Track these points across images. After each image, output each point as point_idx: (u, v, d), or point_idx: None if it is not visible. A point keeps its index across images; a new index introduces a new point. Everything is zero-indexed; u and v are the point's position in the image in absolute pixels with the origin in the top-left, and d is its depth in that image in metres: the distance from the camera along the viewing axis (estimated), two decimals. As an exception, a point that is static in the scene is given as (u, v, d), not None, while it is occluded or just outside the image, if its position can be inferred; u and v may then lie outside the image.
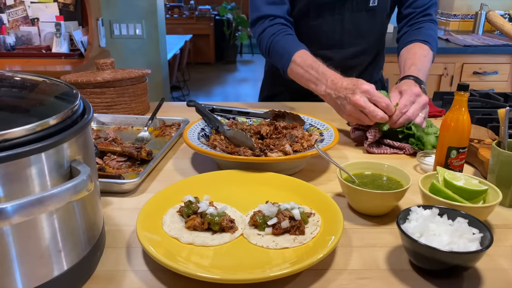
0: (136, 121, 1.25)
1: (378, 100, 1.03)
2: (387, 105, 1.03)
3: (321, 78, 1.14)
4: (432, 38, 1.33)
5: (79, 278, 0.62)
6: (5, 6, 2.84)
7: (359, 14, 1.38)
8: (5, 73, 0.73)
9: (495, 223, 0.79)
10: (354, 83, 1.06)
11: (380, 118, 1.03)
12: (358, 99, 1.03)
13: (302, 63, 1.20)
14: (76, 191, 0.52)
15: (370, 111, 1.02)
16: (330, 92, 1.11)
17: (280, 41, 1.28)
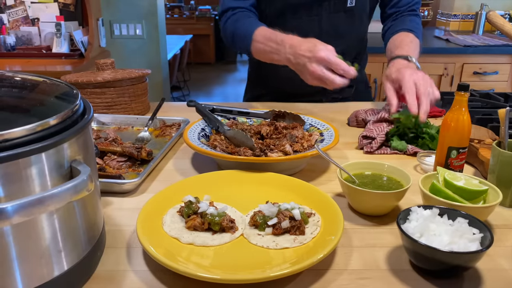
0: (136, 121, 1.25)
1: (336, 67, 1.03)
2: (345, 71, 1.02)
3: (280, 46, 1.13)
4: (417, 28, 1.34)
5: (80, 278, 0.62)
6: (5, 6, 2.84)
7: (337, 15, 1.36)
8: (6, 73, 0.73)
9: (495, 223, 0.79)
10: (311, 49, 1.05)
11: (338, 85, 1.03)
12: (315, 69, 1.03)
13: (262, 38, 1.19)
14: (76, 191, 0.52)
15: (327, 80, 1.03)
16: (289, 57, 1.11)
17: (242, 25, 1.28)
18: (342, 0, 1.34)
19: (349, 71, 1.03)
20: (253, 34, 1.22)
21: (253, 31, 1.22)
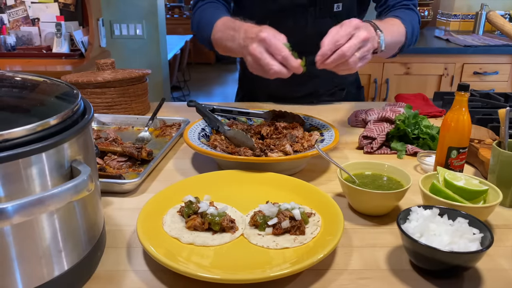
0: (136, 121, 1.26)
1: (274, 51, 0.90)
2: (284, 58, 0.90)
3: (236, 32, 1.04)
4: (405, 16, 1.20)
5: (80, 278, 0.62)
6: (6, 6, 2.84)
7: (323, 21, 1.32)
8: (6, 73, 0.73)
9: (496, 223, 0.79)
10: (257, 31, 0.94)
11: (274, 72, 0.91)
12: (254, 49, 0.92)
13: (222, 26, 1.12)
14: (76, 191, 0.52)
15: (264, 63, 0.91)
16: (240, 42, 1.01)
17: (207, 14, 1.22)
18: (328, 5, 1.30)
19: (290, 61, 0.90)
20: (215, 23, 1.15)
21: (216, 19, 1.16)
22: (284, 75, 0.91)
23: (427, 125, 1.11)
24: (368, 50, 0.94)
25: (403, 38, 1.15)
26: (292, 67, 0.91)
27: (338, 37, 0.90)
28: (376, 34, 0.99)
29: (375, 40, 0.98)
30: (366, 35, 0.92)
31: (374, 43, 0.97)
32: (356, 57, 0.91)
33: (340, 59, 0.90)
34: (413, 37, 1.19)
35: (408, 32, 1.16)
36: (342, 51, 0.89)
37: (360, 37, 0.91)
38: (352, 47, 0.90)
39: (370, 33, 0.94)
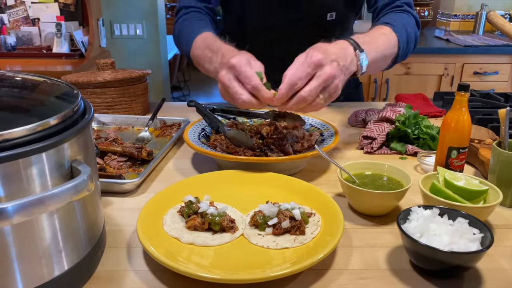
0: (136, 121, 1.26)
1: (244, 79, 0.82)
2: (254, 87, 0.81)
3: (214, 55, 0.95)
4: (397, 21, 1.08)
5: (80, 278, 0.62)
6: (6, 6, 2.84)
7: (316, 30, 1.30)
8: (6, 73, 0.73)
9: (496, 223, 0.79)
10: (231, 56, 0.86)
11: (242, 102, 0.83)
12: (223, 76, 0.84)
13: (201, 43, 1.04)
14: (76, 191, 0.52)
15: (232, 92, 0.83)
16: (217, 67, 0.92)
17: (188, 26, 1.16)
18: (321, 15, 1.29)
19: (261, 91, 0.81)
20: (196, 38, 1.08)
21: (196, 34, 1.09)
22: (254, 106, 0.84)
23: (427, 125, 1.11)
24: (335, 87, 0.82)
25: (395, 49, 1.03)
26: (263, 98, 0.82)
27: (295, 79, 0.79)
28: (355, 55, 0.88)
29: (353, 63, 0.88)
30: (329, 73, 0.80)
31: (351, 68, 0.87)
32: (320, 99, 0.81)
33: (300, 103, 0.81)
34: (409, 44, 1.08)
35: (401, 41, 1.04)
36: (301, 96, 0.80)
37: (322, 78, 0.80)
38: (313, 90, 0.80)
39: (337, 67, 0.81)
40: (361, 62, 0.88)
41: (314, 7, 1.27)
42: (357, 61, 0.88)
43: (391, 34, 1.03)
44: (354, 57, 0.87)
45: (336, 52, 0.83)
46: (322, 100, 0.81)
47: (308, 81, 0.80)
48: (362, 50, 0.88)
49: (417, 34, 1.13)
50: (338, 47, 0.86)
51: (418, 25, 1.16)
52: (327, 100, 0.82)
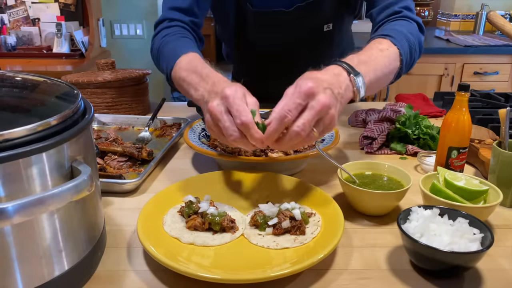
0: (137, 121, 1.26)
1: (235, 113, 0.71)
2: (243, 123, 0.70)
3: (203, 82, 0.85)
4: (396, 31, 0.97)
5: (80, 278, 0.62)
6: (6, 6, 2.84)
7: (313, 41, 1.30)
8: (6, 73, 0.73)
9: (496, 223, 0.79)
10: (223, 86, 0.76)
11: (233, 141, 0.72)
12: (214, 107, 0.73)
13: (187, 65, 0.93)
14: (77, 191, 0.52)
15: (223, 126, 0.72)
16: (205, 94, 0.82)
17: (171, 42, 1.04)
18: (318, 26, 1.28)
19: (251, 130, 0.70)
20: (180, 58, 0.96)
21: (180, 54, 0.97)
22: (246, 147, 0.74)
23: (428, 125, 1.11)
24: (331, 118, 0.71)
25: (397, 63, 0.92)
26: (252, 138, 0.71)
27: (285, 113, 0.69)
28: (350, 79, 0.78)
29: (349, 89, 0.77)
30: (323, 103, 0.69)
31: (347, 95, 0.77)
32: (314, 133, 0.71)
33: (293, 139, 0.70)
34: (412, 54, 0.99)
35: (403, 53, 0.93)
36: (293, 131, 0.69)
37: (315, 108, 0.69)
38: (306, 124, 0.69)
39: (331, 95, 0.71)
40: (358, 87, 0.78)
41: (311, 21, 1.26)
42: (353, 87, 0.77)
43: (391, 48, 0.92)
44: (349, 83, 0.77)
45: (328, 79, 0.74)
46: (316, 134, 0.70)
47: (299, 114, 0.70)
48: (358, 73, 0.78)
49: (421, 40, 1.04)
50: (330, 73, 0.76)
51: (421, 29, 1.07)
52: (321, 134, 0.72)
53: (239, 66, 1.55)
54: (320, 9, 1.22)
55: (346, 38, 1.41)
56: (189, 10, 1.12)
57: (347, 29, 1.39)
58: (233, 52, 1.43)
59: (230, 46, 1.41)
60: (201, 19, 1.16)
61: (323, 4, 1.21)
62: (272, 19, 1.23)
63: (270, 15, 1.22)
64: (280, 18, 1.22)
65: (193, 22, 1.14)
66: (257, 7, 1.22)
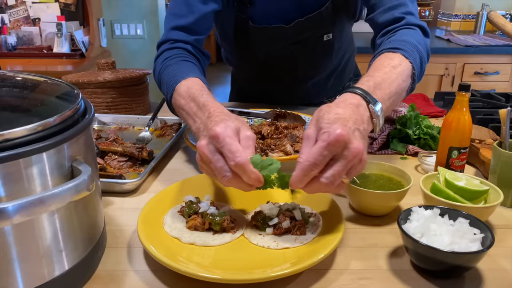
0: (137, 121, 1.26)
1: (227, 154, 0.66)
2: (237, 165, 0.64)
3: (200, 112, 0.81)
4: (405, 43, 0.91)
5: (80, 278, 0.62)
6: (7, 6, 2.84)
7: (313, 51, 1.29)
8: (7, 73, 0.73)
9: (496, 224, 0.79)
10: (219, 120, 0.71)
11: (227, 182, 0.67)
12: (203, 146, 0.68)
13: (185, 92, 0.89)
14: (77, 191, 0.52)
15: (215, 168, 0.67)
16: (200, 127, 0.77)
17: (172, 65, 1.00)
18: (317, 36, 1.27)
19: (245, 170, 0.64)
20: (179, 84, 0.92)
21: (180, 79, 0.93)
22: (241, 189, 0.68)
23: (428, 125, 1.11)
24: (363, 164, 0.65)
25: (410, 79, 0.86)
26: (249, 179, 0.65)
27: (311, 166, 0.62)
28: (370, 110, 0.71)
29: (369, 121, 0.71)
30: (356, 150, 0.62)
31: (369, 128, 0.71)
32: (345, 180, 0.65)
33: (320, 189, 0.65)
34: (423, 64, 0.94)
35: (415, 65, 0.88)
36: (322, 183, 0.63)
37: (348, 159, 0.63)
38: (337, 175, 0.63)
39: (360, 138, 0.65)
40: (378, 116, 0.71)
41: (311, 33, 1.26)
42: (372, 118, 0.71)
43: (403, 63, 0.86)
44: (369, 114, 0.71)
45: (352, 117, 0.66)
46: (346, 181, 0.65)
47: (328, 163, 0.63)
48: (376, 101, 0.72)
49: (427, 45, 0.98)
50: (350, 107, 0.69)
51: (425, 33, 1.02)
52: (350, 177, 0.66)
53: (238, 70, 1.56)
54: (320, 21, 1.23)
55: (346, 42, 1.41)
56: (191, 29, 1.10)
57: (347, 33, 1.40)
58: (233, 58, 1.43)
59: (229, 53, 1.41)
60: (204, 36, 1.13)
61: (322, 17, 1.21)
62: (272, 34, 1.24)
63: (270, 30, 1.23)
64: (280, 33, 1.23)
65: (197, 40, 1.11)
66: (257, 23, 1.22)
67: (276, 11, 1.20)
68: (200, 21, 1.10)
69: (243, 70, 1.51)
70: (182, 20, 1.09)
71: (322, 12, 1.20)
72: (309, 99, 1.43)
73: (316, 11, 1.20)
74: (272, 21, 1.21)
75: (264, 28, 1.22)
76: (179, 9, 1.10)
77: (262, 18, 1.21)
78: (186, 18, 1.09)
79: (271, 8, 1.20)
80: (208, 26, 1.14)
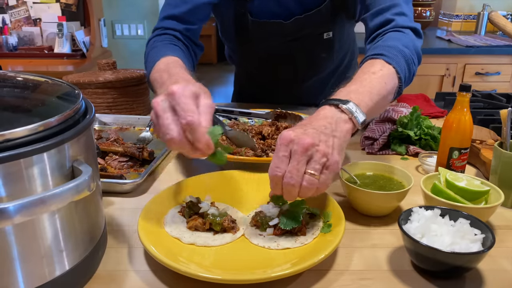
0: (137, 121, 1.26)
1: (180, 112, 0.65)
2: (188, 123, 0.64)
3: (169, 80, 0.81)
4: (389, 48, 0.90)
5: (81, 278, 0.62)
6: (8, 7, 2.84)
7: (313, 48, 1.30)
8: (8, 73, 0.73)
9: (497, 224, 0.79)
10: (176, 81, 0.74)
11: (170, 140, 0.65)
12: (157, 103, 0.68)
13: (163, 66, 0.90)
14: (78, 191, 0.52)
15: (162, 124, 0.66)
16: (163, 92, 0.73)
17: (156, 47, 1.03)
18: (317, 34, 1.27)
19: (195, 130, 0.64)
20: (159, 60, 0.94)
21: (161, 57, 0.95)
22: (185, 151, 0.67)
23: (429, 126, 1.11)
24: (323, 154, 0.66)
25: (395, 81, 0.86)
26: (197, 140, 0.65)
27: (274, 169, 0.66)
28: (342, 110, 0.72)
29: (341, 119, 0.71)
30: (305, 143, 0.65)
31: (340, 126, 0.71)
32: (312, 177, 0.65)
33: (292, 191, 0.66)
34: (410, 67, 0.92)
35: (400, 69, 0.87)
36: (285, 183, 0.65)
37: (298, 151, 0.65)
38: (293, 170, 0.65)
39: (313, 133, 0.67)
40: (353, 113, 0.72)
41: (310, 31, 1.26)
42: (349, 116, 0.72)
43: (385, 68, 0.85)
44: (340, 115, 0.72)
45: (309, 121, 0.70)
46: (317, 176, 0.65)
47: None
48: (346, 101, 0.73)
49: (417, 48, 0.96)
50: (314, 116, 0.73)
51: (417, 34, 1.00)
52: (325, 173, 0.66)
53: (240, 68, 1.56)
54: (319, 20, 1.22)
55: (348, 42, 1.41)
56: (183, 18, 1.12)
57: (349, 33, 1.39)
58: (235, 55, 1.43)
59: (231, 49, 1.42)
60: (198, 26, 1.15)
61: (322, 15, 1.21)
62: (271, 29, 1.24)
63: (269, 25, 1.23)
64: (279, 29, 1.23)
65: (188, 29, 1.13)
66: (256, 17, 1.22)
67: (275, 7, 1.21)
68: (192, 11, 1.12)
69: (244, 68, 1.52)
70: (175, 10, 1.12)
71: (321, 10, 1.20)
72: (310, 99, 1.43)
73: (315, 9, 1.20)
74: (271, 16, 1.22)
75: (263, 23, 1.22)
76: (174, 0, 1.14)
77: (261, 13, 1.21)
78: (179, 8, 1.12)
79: (270, 3, 1.20)
80: (201, 18, 1.15)
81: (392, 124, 1.13)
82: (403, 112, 1.15)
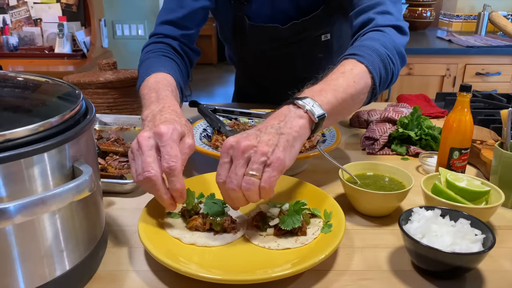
0: (138, 121, 1.26)
1: (165, 155, 0.67)
2: (171, 168, 0.66)
3: (156, 102, 0.81)
4: (364, 47, 0.87)
5: (81, 278, 0.62)
6: (8, 7, 2.85)
7: (311, 50, 1.30)
8: (8, 73, 0.73)
9: (498, 224, 0.79)
10: (164, 119, 0.73)
11: (145, 180, 0.66)
12: (144, 138, 0.68)
13: (153, 85, 0.90)
14: (78, 191, 0.52)
15: (143, 161, 0.67)
16: (149, 115, 0.77)
17: (151, 58, 1.04)
18: (315, 36, 1.27)
19: (175, 175, 0.67)
20: (150, 76, 0.95)
21: (152, 72, 0.96)
22: (156, 191, 0.68)
23: (429, 126, 1.11)
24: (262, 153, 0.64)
25: (366, 80, 0.83)
26: (174, 186, 0.67)
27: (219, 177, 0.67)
28: (296, 105, 0.72)
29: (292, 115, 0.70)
30: (242, 145, 0.64)
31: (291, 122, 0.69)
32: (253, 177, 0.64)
33: (236, 195, 0.65)
34: (388, 67, 0.88)
35: (373, 69, 0.83)
36: (229, 188, 0.65)
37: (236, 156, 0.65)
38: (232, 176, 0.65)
39: (252, 134, 0.67)
40: (307, 107, 0.70)
41: (308, 34, 1.26)
42: (304, 110, 0.70)
43: (356, 67, 0.83)
44: (292, 110, 0.71)
45: (262, 123, 0.70)
46: (257, 176, 0.63)
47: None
48: (304, 98, 0.72)
49: (398, 47, 0.92)
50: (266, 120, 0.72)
51: (401, 31, 0.95)
52: (268, 171, 0.64)
53: (240, 69, 1.56)
54: (316, 23, 1.22)
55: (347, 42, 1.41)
56: (180, 24, 1.11)
57: (347, 34, 1.39)
58: (234, 56, 1.44)
59: (231, 50, 1.42)
60: (195, 31, 1.14)
61: (319, 19, 1.21)
62: (268, 33, 1.24)
63: (266, 29, 1.23)
64: (276, 33, 1.23)
65: (184, 35, 1.12)
66: (254, 21, 1.22)
67: (272, 11, 1.20)
68: (189, 16, 1.11)
69: (243, 69, 1.52)
70: (172, 15, 1.11)
71: (318, 14, 1.20)
72: None
73: (312, 14, 1.19)
74: (268, 20, 1.22)
75: (260, 27, 1.22)
76: (170, 4, 1.13)
77: (258, 17, 1.21)
78: (175, 13, 1.11)
79: (267, 8, 1.20)
80: (198, 22, 1.15)
81: (392, 124, 1.13)
82: (404, 112, 1.15)
